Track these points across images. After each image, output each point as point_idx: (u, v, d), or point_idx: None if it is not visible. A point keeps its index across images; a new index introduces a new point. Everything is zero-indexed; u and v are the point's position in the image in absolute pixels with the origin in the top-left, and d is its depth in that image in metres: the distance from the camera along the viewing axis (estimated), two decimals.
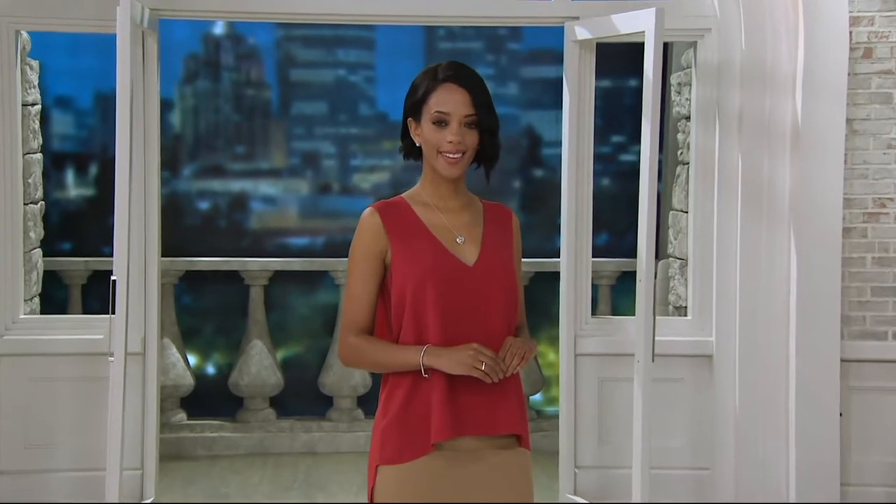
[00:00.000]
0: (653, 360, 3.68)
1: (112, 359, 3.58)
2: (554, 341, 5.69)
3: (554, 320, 4.40)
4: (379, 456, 2.19)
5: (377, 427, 2.22)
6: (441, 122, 2.19)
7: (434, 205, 2.25)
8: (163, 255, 4.24)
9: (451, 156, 2.18)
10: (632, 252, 4.45)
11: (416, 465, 2.16)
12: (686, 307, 4.40)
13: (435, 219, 2.24)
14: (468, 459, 2.18)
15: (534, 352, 2.20)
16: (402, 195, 2.29)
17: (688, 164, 4.51)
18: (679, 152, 4.85)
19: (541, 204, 6.20)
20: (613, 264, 5.60)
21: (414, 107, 2.23)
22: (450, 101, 2.18)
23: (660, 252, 5.07)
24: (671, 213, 4.96)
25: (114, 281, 3.59)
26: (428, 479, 2.15)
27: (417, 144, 2.24)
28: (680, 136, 4.84)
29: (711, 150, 4.10)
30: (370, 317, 2.24)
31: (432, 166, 2.23)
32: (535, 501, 2.28)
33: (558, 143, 4.29)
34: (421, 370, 2.15)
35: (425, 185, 2.27)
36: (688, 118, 4.59)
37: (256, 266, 5.40)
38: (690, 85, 4.37)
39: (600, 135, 5.21)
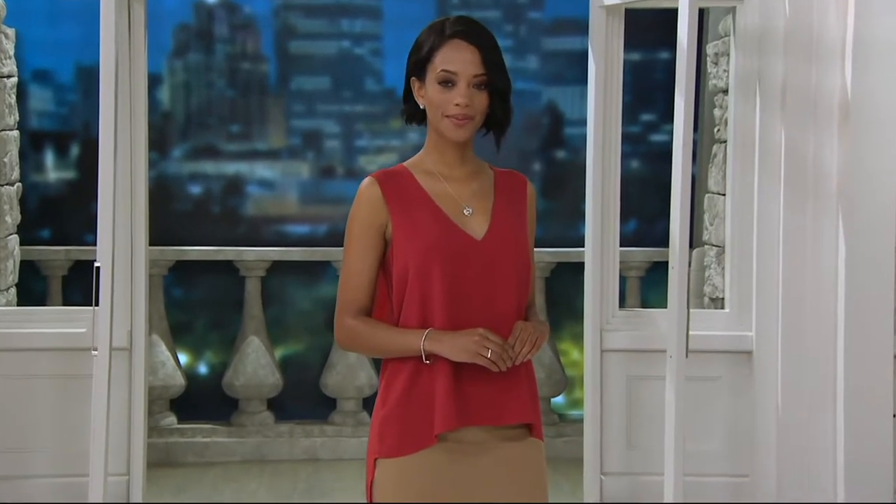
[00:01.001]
0: (686, 356, 3.66)
1: (95, 353, 3.59)
2: (577, 338, 5.69)
3: (577, 315, 4.39)
4: (378, 448, 2.20)
5: (376, 417, 2.23)
6: (447, 83, 2.18)
7: (439, 173, 2.25)
8: (151, 244, 4.25)
9: (457, 120, 2.18)
10: (663, 240, 4.45)
11: (418, 457, 2.16)
12: (723, 299, 4.39)
13: (440, 189, 2.24)
14: (474, 452, 2.19)
15: (546, 337, 2.20)
16: (404, 163, 2.29)
17: (725, 142, 4.50)
18: (716, 129, 4.84)
19: (563, 188, 6.18)
20: (643, 254, 5.60)
21: (418, 65, 2.22)
22: (457, 59, 2.17)
23: (694, 239, 5.06)
24: (707, 196, 4.94)
25: (97, 268, 3.60)
26: (431, 472, 2.16)
27: (421, 107, 2.23)
28: (717, 112, 4.82)
29: (751, 126, 4.07)
30: (369, 296, 2.24)
31: (437, 130, 2.23)
32: (548, 496, 2.28)
33: (583, 122, 4.29)
34: (422, 356, 2.15)
35: (429, 152, 2.27)
36: (725, 91, 4.58)
37: (253, 256, 5.42)
38: (728, 55, 4.35)
39: (629, 113, 5.18)
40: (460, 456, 2.18)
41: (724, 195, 4.50)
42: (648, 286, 5.70)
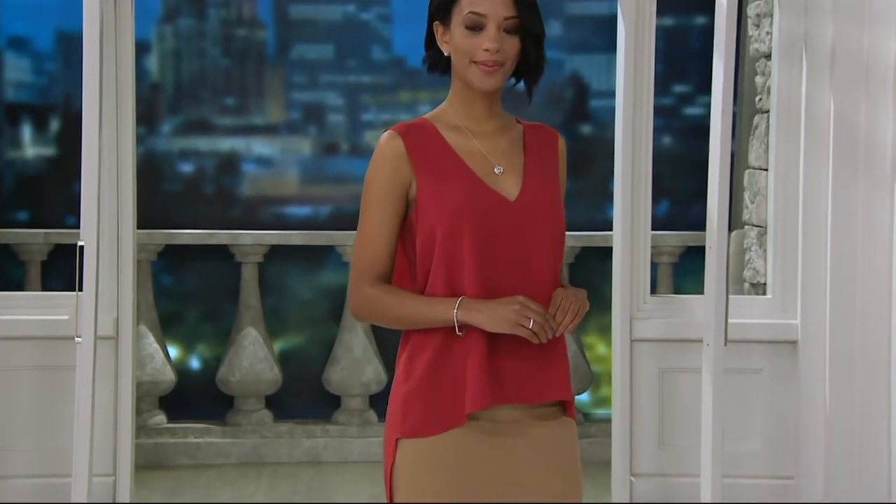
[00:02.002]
0: (725, 345, 3.66)
1: (79, 340, 3.61)
2: (604, 331, 5.70)
3: (604, 305, 4.38)
4: (400, 428, 2.19)
5: (397, 394, 2.22)
6: (475, 27, 2.17)
7: (465, 127, 2.24)
8: (138, 227, 4.26)
9: (487, 66, 2.17)
10: (698, 223, 4.43)
11: (446, 438, 2.15)
12: (765, 284, 4.39)
13: (468, 145, 2.23)
14: (507, 432, 2.18)
15: (587, 307, 2.19)
16: (426, 116, 2.28)
17: (768, 112, 4.49)
18: (757, 98, 4.83)
19: (589, 166, 6.19)
20: (676, 238, 5.60)
21: (442, 7, 2.22)
22: (486, 0, 2.17)
23: (733, 220, 5.05)
24: (747, 172, 4.94)
25: (81, 248, 3.62)
26: (459, 454, 2.15)
27: (445, 54, 2.24)
28: (758, 79, 4.81)
29: (797, 94, 4.07)
30: (389, 263, 2.23)
31: (464, 80, 2.22)
32: (582, 480, 2.28)
33: (611, 94, 4.29)
34: (455, 327, 2.15)
35: (454, 104, 2.26)
36: (768, 57, 4.57)
37: (249, 240, 5.43)
38: (772, 16, 4.34)
39: (661, 84, 5.18)
40: (491, 436, 2.17)
41: (766, 170, 4.50)
42: (682, 273, 5.70)
